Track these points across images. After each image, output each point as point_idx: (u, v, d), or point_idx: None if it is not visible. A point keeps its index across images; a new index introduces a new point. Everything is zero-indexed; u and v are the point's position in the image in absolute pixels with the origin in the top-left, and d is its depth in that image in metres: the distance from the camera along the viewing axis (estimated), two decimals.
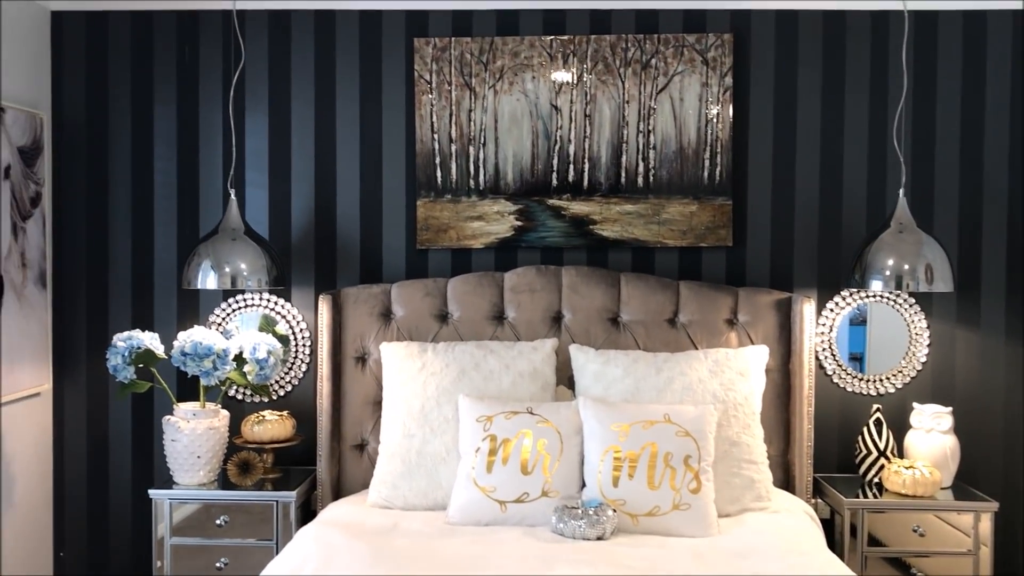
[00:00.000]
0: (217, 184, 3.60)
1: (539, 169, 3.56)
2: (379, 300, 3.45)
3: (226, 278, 3.26)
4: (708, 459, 2.95)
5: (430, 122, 3.55)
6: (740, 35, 3.54)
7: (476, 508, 2.93)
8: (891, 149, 3.48)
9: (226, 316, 3.60)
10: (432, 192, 3.56)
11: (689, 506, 2.86)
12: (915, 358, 3.54)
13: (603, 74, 3.52)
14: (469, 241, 3.57)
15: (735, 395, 3.15)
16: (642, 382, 3.16)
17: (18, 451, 3.43)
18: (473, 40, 3.53)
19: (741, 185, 3.56)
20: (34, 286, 3.49)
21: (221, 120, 3.58)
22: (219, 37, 3.59)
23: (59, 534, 3.67)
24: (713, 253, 3.57)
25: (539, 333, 3.41)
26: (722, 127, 3.51)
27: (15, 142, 3.36)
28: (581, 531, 2.77)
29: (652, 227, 3.55)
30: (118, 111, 3.62)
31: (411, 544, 2.74)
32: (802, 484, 3.31)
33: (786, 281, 3.56)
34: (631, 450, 2.92)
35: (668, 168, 3.53)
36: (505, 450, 2.97)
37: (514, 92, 3.53)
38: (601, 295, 3.42)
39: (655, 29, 3.54)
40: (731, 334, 3.38)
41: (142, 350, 3.24)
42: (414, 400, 3.18)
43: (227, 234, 3.30)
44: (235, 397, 3.60)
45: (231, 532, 3.22)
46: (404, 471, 3.11)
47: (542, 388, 3.22)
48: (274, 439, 3.39)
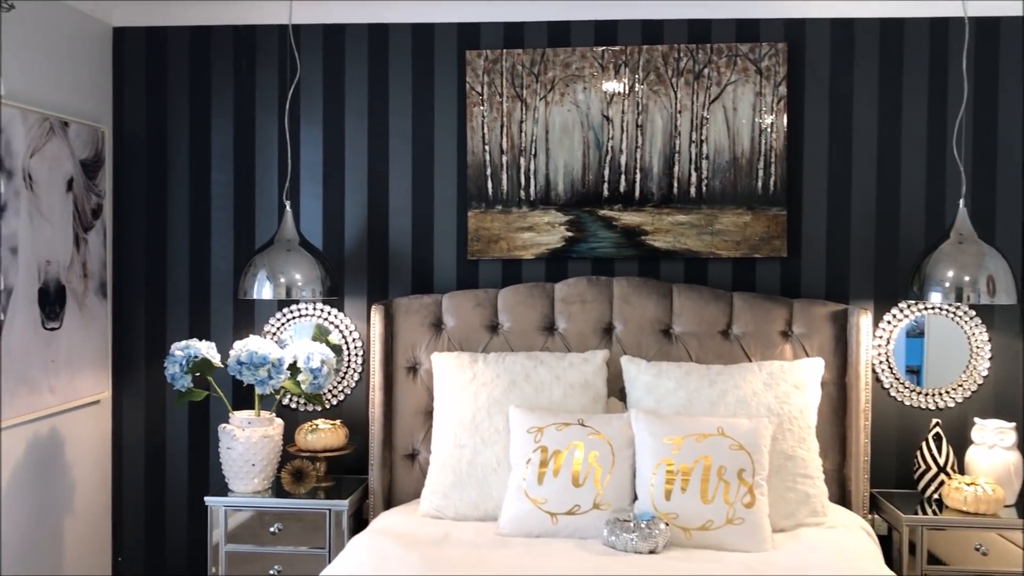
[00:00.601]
0: (273, 196, 3.66)
1: (590, 180, 3.55)
2: (430, 310, 3.46)
3: (281, 288, 3.30)
4: (762, 473, 2.91)
5: (481, 133, 3.56)
6: (794, 44, 3.50)
7: (527, 519, 2.92)
8: (951, 158, 3.42)
9: (281, 326, 3.64)
10: (483, 203, 3.57)
11: (743, 520, 2.82)
12: (976, 372, 3.46)
13: (655, 84, 3.51)
14: (519, 252, 3.57)
15: (790, 408, 3.11)
16: (695, 395, 3.13)
17: (79, 457, 3.51)
18: (524, 51, 3.54)
19: (796, 195, 3.52)
20: (95, 296, 3.57)
21: (277, 133, 3.64)
22: (275, 51, 3.65)
23: (117, 539, 3.75)
24: (767, 264, 3.53)
25: (590, 344, 3.40)
26: (776, 137, 3.47)
27: (78, 155, 3.45)
28: (633, 544, 2.75)
29: (705, 238, 3.52)
30: (177, 124, 3.70)
31: (462, 554, 2.74)
32: (858, 499, 3.25)
33: (842, 293, 3.51)
34: (684, 463, 2.90)
35: (721, 178, 3.51)
36: (556, 462, 2.96)
37: (565, 103, 3.54)
38: (653, 306, 3.40)
39: (708, 39, 3.52)
40: (786, 346, 3.34)
41: (199, 359, 3.30)
42: (465, 410, 3.19)
43: (282, 245, 3.34)
44: (289, 406, 3.64)
45: (284, 540, 3.25)
46: (455, 481, 3.12)
47: (593, 400, 3.21)
48: (327, 448, 3.42)
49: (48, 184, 3.27)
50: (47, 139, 3.25)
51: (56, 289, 3.32)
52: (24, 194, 3.13)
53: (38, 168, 3.20)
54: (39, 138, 3.21)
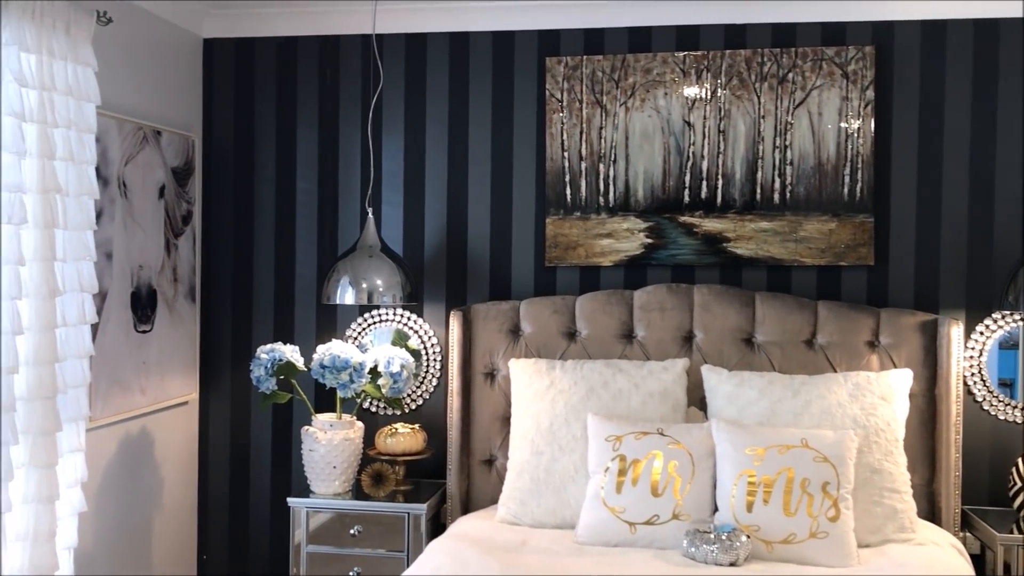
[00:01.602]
0: (355, 203, 3.72)
1: (670, 186, 3.52)
2: (508, 317, 3.47)
3: (363, 294, 3.35)
4: (848, 486, 2.84)
5: (560, 140, 3.56)
6: (882, 47, 3.41)
7: (605, 528, 2.90)
8: None
9: (362, 330, 3.70)
10: (561, 210, 3.57)
11: (827, 534, 2.76)
12: None
13: (738, 89, 3.46)
14: (598, 259, 3.56)
15: (877, 420, 3.03)
16: (778, 405, 3.07)
17: (167, 456, 3.62)
18: (605, 58, 3.53)
19: (883, 201, 3.43)
20: (184, 300, 3.68)
21: (360, 141, 3.70)
22: (359, 61, 3.71)
23: (203, 537, 3.84)
24: (853, 272, 3.45)
25: (669, 353, 3.36)
26: (863, 142, 3.39)
27: (170, 163, 3.56)
28: (713, 556, 2.71)
29: (788, 245, 3.45)
30: (264, 133, 3.79)
31: (540, 561, 2.74)
32: (949, 516, 3.15)
33: (932, 302, 3.40)
34: (766, 475, 2.84)
35: (806, 184, 3.44)
36: (635, 471, 2.94)
37: (646, 109, 3.51)
38: (735, 314, 3.35)
39: (792, 43, 3.46)
40: (872, 357, 3.25)
41: (283, 362, 3.37)
42: (543, 417, 3.19)
43: (364, 251, 3.40)
44: (369, 409, 3.69)
45: (363, 542, 3.30)
46: (532, 488, 3.12)
47: (673, 409, 3.18)
48: (406, 452, 3.46)
49: (141, 191, 3.38)
50: (141, 148, 3.36)
51: (148, 293, 3.43)
52: (119, 201, 3.24)
53: (132, 176, 3.32)
54: (133, 147, 3.32)
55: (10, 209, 2.52)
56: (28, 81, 2.60)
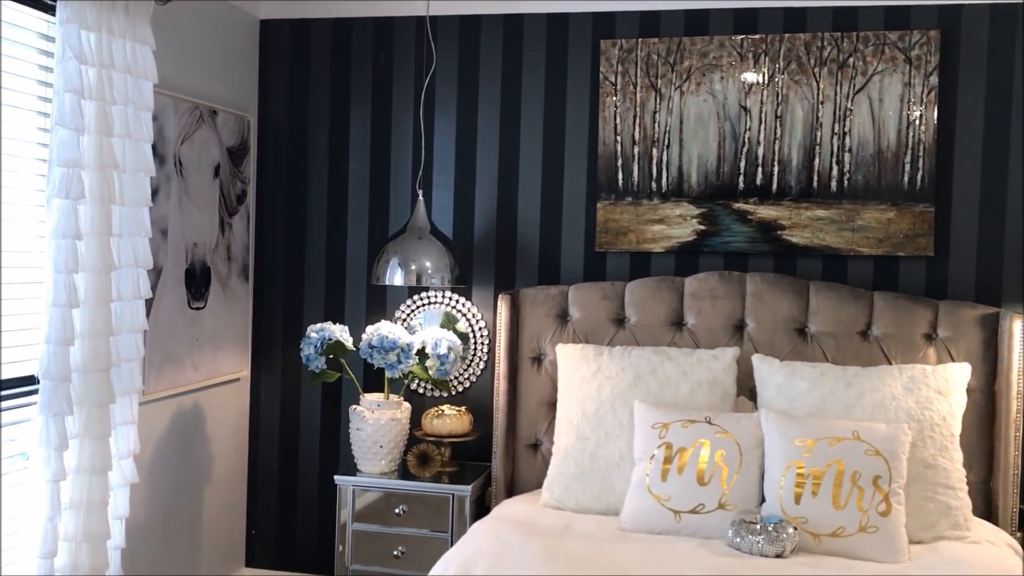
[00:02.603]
0: (407, 184, 3.73)
1: (725, 172, 3.46)
2: (556, 302, 3.46)
3: (412, 275, 3.36)
4: (900, 481, 2.78)
5: (613, 124, 3.53)
6: (948, 32, 3.31)
7: (649, 516, 2.88)
8: None
9: (411, 312, 3.71)
10: (613, 194, 3.54)
11: (877, 529, 2.70)
12: None
13: (796, 74, 3.39)
14: (649, 245, 3.52)
15: (932, 415, 2.95)
16: (829, 396, 3.01)
17: (218, 432, 3.68)
18: (660, 41, 3.48)
19: (945, 191, 3.33)
20: (237, 278, 3.73)
21: (412, 123, 3.70)
22: (412, 42, 3.71)
23: (251, 512, 3.91)
24: (912, 263, 3.36)
25: (719, 341, 3.31)
26: (925, 129, 3.30)
27: (225, 143, 3.60)
28: (759, 547, 2.67)
29: (845, 234, 3.38)
30: (317, 114, 3.82)
31: (583, 547, 2.73)
32: (1006, 515, 3.06)
33: (993, 295, 3.30)
34: (815, 467, 2.79)
35: (864, 172, 3.36)
36: (681, 459, 2.91)
37: (701, 93, 3.46)
38: (788, 304, 3.28)
39: (854, 27, 3.37)
40: (929, 350, 3.17)
41: (333, 341, 3.40)
42: (589, 403, 3.17)
43: (414, 233, 3.40)
44: (417, 391, 3.71)
45: (408, 521, 3.32)
46: (577, 473, 3.10)
47: (721, 398, 3.13)
48: (452, 433, 3.47)
49: (197, 170, 3.43)
50: (197, 126, 3.41)
51: (202, 271, 3.48)
52: (174, 179, 3.29)
53: (188, 154, 3.37)
54: (189, 125, 3.36)
55: (67, 184, 2.57)
56: (88, 58, 2.64)
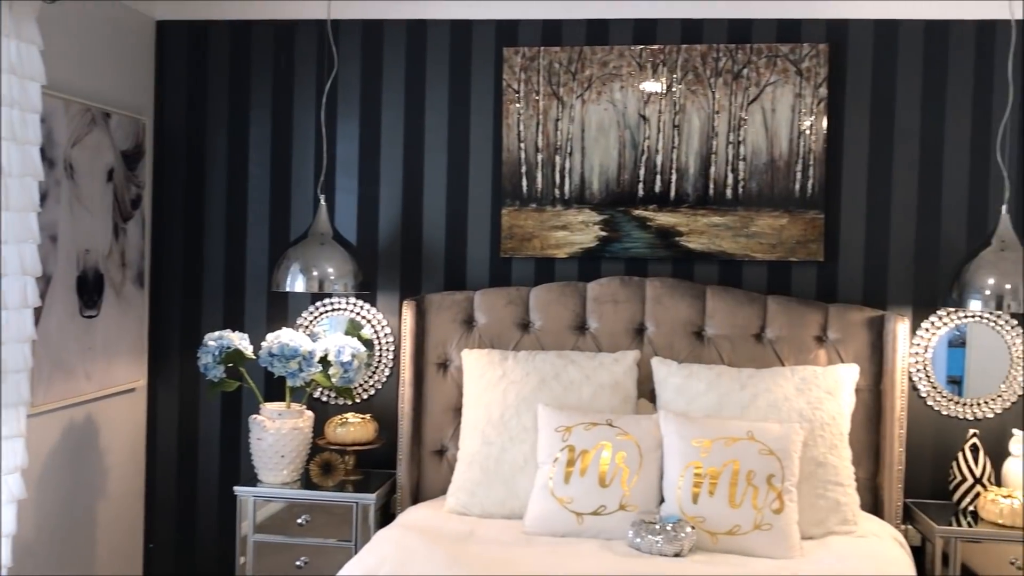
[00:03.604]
0: (308, 189, 3.68)
1: (625, 179, 3.53)
2: (462, 307, 3.46)
3: (314, 282, 3.32)
4: (792, 479, 2.87)
5: (517, 131, 3.56)
6: (836, 45, 3.45)
7: (553, 519, 2.91)
8: (994, 163, 3.34)
9: (313, 319, 3.67)
10: (517, 201, 3.57)
11: (771, 526, 2.79)
12: (1016, 382, 3.38)
13: (693, 84, 3.48)
14: (553, 250, 3.56)
15: (822, 414, 3.06)
16: (726, 398, 3.10)
17: (113, 444, 3.56)
18: (562, 49, 3.52)
19: (834, 199, 3.47)
20: (132, 285, 3.62)
21: (314, 127, 3.66)
22: (313, 46, 3.67)
23: (149, 526, 3.79)
24: (803, 268, 3.49)
25: (621, 345, 3.37)
26: (815, 139, 3.43)
27: (119, 146, 3.50)
28: (658, 547, 2.73)
29: (740, 240, 3.48)
30: (216, 117, 3.74)
31: (487, 551, 2.74)
32: (891, 509, 3.20)
33: (879, 298, 3.45)
34: (712, 467, 2.87)
35: (758, 180, 3.47)
36: (583, 461, 2.95)
37: (602, 102, 3.52)
38: (686, 308, 3.37)
39: (748, 39, 3.48)
40: (820, 352, 3.29)
41: (232, 350, 3.33)
42: (494, 408, 3.19)
43: (316, 238, 3.37)
44: (320, 399, 3.67)
45: (312, 531, 3.27)
46: (482, 478, 3.12)
47: (623, 400, 3.19)
48: (356, 441, 3.44)
49: (89, 174, 3.31)
50: (88, 129, 3.30)
51: (95, 278, 3.37)
52: (65, 183, 3.18)
53: (79, 158, 3.25)
54: (81, 128, 3.26)
55: None
56: None
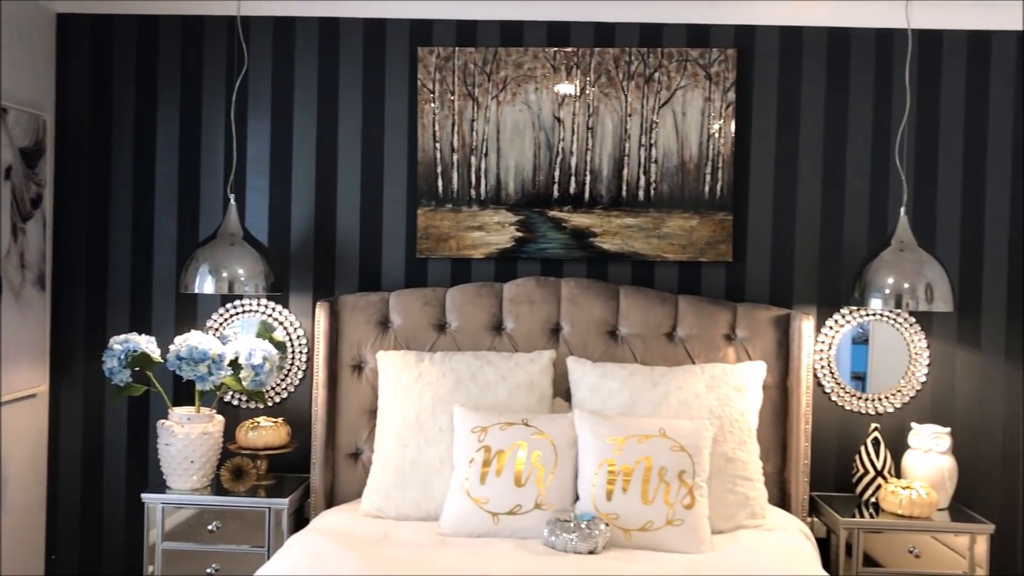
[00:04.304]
0: (218, 189, 3.61)
1: (540, 180, 3.55)
2: (377, 308, 3.44)
3: (223, 283, 3.26)
4: (703, 475, 2.93)
5: (432, 131, 3.55)
6: (744, 51, 3.53)
7: (468, 519, 2.91)
8: (893, 167, 3.47)
9: (224, 321, 3.59)
10: (433, 201, 3.56)
11: (682, 522, 2.84)
12: (914, 378, 3.52)
13: (606, 87, 3.52)
14: (469, 251, 3.56)
15: (731, 411, 3.14)
16: (639, 396, 3.14)
17: (13, 452, 3.43)
18: (477, 50, 3.53)
19: (742, 200, 3.55)
20: (33, 287, 3.49)
21: (224, 125, 3.59)
22: (223, 43, 3.60)
23: (52, 536, 3.66)
24: (713, 268, 3.56)
25: (537, 344, 3.40)
26: (724, 142, 3.51)
27: (17, 143, 3.37)
28: (573, 545, 2.75)
29: (652, 241, 3.54)
30: (121, 114, 3.63)
31: (402, 554, 2.72)
32: (798, 502, 3.29)
33: (785, 297, 3.55)
34: (626, 464, 2.91)
35: (669, 182, 3.53)
36: (499, 461, 2.96)
37: (517, 103, 3.54)
38: (600, 308, 3.41)
39: (659, 43, 3.54)
40: (729, 349, 3.37)
41: (138, 353, 3.24)
42: (409, 409, 3.17)
43: (225, 239, 3.30)
44: (231, 403, 3.59)
45: (223, 538, 3.21)
46: (397, 481, 3.10)
47: (538, 400, 3.21)
48: (268, 446, 3.38)
49: None
50: None
51: None
52: None
53: None
54: None
55: None
56: None
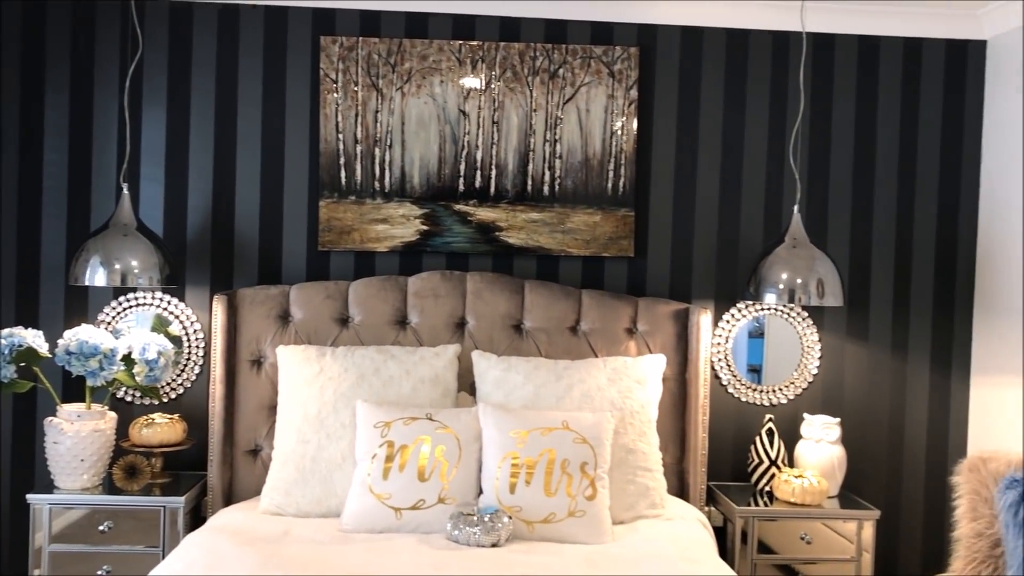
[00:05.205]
0: (110, 178, 3.48)
1: (446, 174, 3.54)
2: (277, 302, 3.37)
3: (116, 275, 3.14)
4: (604, 466, 2.97)
5: (335, 122, 3.49)
6: (646, 49, 3.59)
7: (370, 515, 2.89)
8: (788, 166, 3.58)
9: (117, 315, 3.47)
10: (336, 193, 3.51)
11: (584, 513, 2.88)
12: (807, 370, 3.64)
13: (511, 81, 3.53)
14: (373, 244, 3.53)
15: (632, 403, 3.19)
16: (542, 389, 3.16)
17: None
18: (381, 41, 3.49)
19: (644, 197, 3.61)
20: None
21: (117, 112, 3.46)
22: (116, 27, 3.47)
23: None
24: (615, 263, 3.61)
25: (442, 339, 3.39)
26: (626, 139, 3.56)
27: None
28: (476, 538, 2.75)
29: (557, 235, 3.56)
30: (7, 100, 3.46)
31: (302, 552, 2.68)
32: (696, 492, 3.37)
33: (685, 292, 3.62)
34: (529, 456, 2.92)
35: (573, 178, 3.56)
36: (402, 456, 2.94)
37: (422, 95, 3.51)
38: (505, 302, 3.42)
39: (563, 39, 3.57)
40: (630, 343, 3.42)
41: (24, 348, 3.10)
42: (310, 405, 3.13)
43: (118, 229, 3.18)
44: (124, 399, 3.47)
45: (115, 539, 3.10)
46: (298, 477, 3.05)
47: (443, 394, 3.20)
48: (163, 443, 3.28)
49: None
50: None
51: None
52: None
53: None
54: None
55: None
56: None
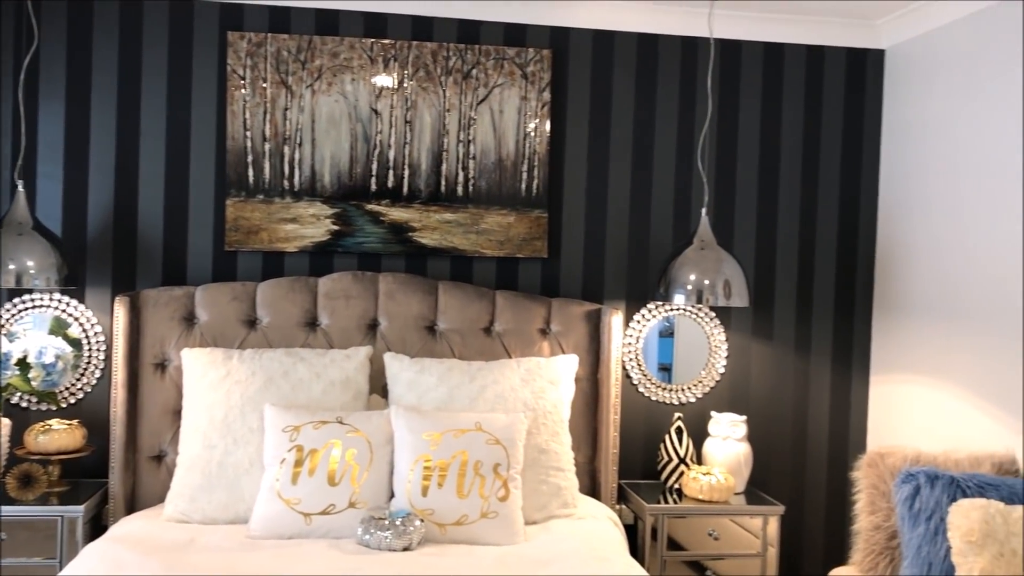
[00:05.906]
0: (4, 174, 3.33)
1: (358, 173, 3.50)
2: (182, 303, 3.28)
3: (11, 276, 3.01)
4: (517, 467, 2.98)
5: (243, 119, 3.42)
6: (559, 51, 3.61)
7: (279, 521, 2.83)
8: (696, 169, 3.65)
9: (11, 317, 3.32)
10: (243, 191, 3.43)
11: (497, 514, 2.88)
12: (714, 369, 3.72)
13: (424, 81, 3.51)
14: (282, 244, 3.46)
15: (545, 403, 3.20)
16: (456, 390, 3.15)
17: None
18: (291, 37, 3.43)
19: (556, 198, 3.63)
20: None
21: (11, 106, 3.31)
22: (11, 18, 3.32)
23: None
24: (529, 264, 3.63)
25: (354, 341, 3.34)
26: (539, 141, 3.57)
27: None
28: (387, 542, 2.73)
29: (471, 236, 3.56)
30: None
31: (208, 560, 2.61)
32: (607, 490, 3.40)
33: (597, 293, 3.66)
34: (442, 459, 2.91)
35: (487, 179, 3.56)
36: (312, 461, 2.89)
37: (333, 93, 3.46)
38: (418, 303, 3.39)
39: (476, 40, 3.56)
40: (544, 343, 3.44)
41: None
42: (217, 409, 3.05)
43: (13, 228, 3.05)
44: (19, 404, 3.33)
45: (9, 551, 2.97)
46: (204, 483, 2.97)
47: (354, 397, 3.16)
48: (61, 450, 3.16)
49: None
50: None
51: None
52: None
53: None
54: None
55: None
56: None
